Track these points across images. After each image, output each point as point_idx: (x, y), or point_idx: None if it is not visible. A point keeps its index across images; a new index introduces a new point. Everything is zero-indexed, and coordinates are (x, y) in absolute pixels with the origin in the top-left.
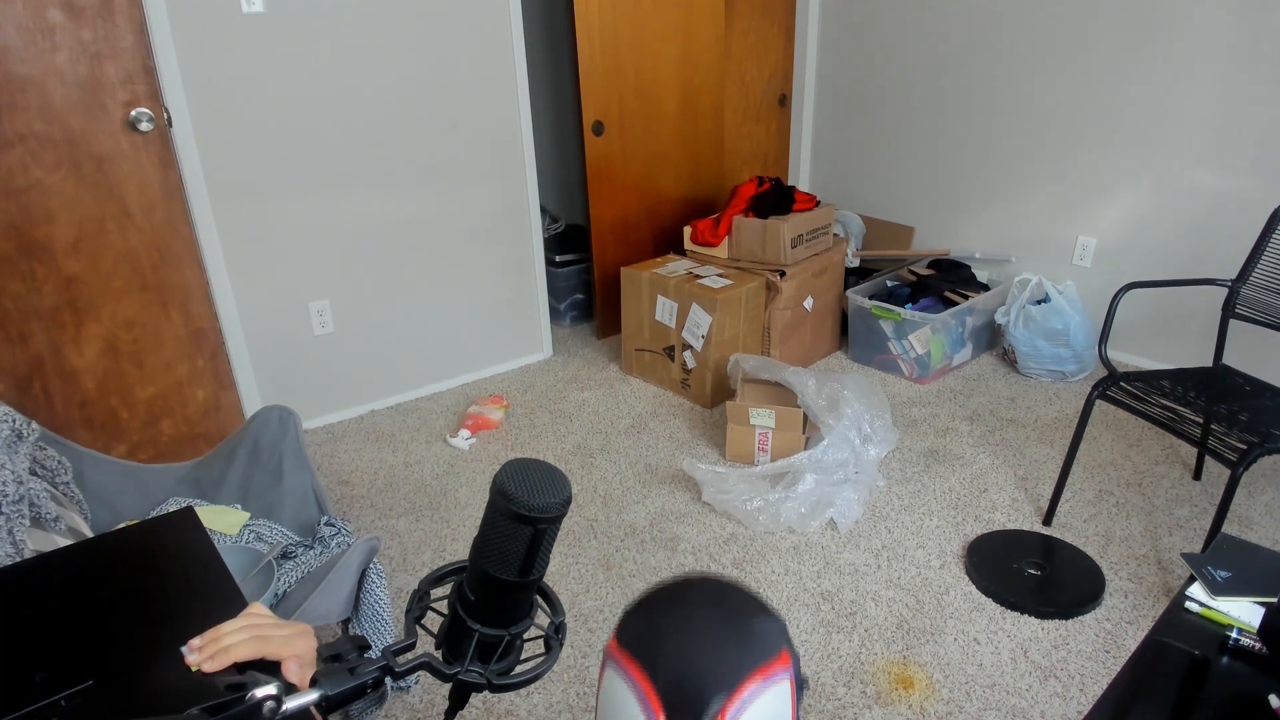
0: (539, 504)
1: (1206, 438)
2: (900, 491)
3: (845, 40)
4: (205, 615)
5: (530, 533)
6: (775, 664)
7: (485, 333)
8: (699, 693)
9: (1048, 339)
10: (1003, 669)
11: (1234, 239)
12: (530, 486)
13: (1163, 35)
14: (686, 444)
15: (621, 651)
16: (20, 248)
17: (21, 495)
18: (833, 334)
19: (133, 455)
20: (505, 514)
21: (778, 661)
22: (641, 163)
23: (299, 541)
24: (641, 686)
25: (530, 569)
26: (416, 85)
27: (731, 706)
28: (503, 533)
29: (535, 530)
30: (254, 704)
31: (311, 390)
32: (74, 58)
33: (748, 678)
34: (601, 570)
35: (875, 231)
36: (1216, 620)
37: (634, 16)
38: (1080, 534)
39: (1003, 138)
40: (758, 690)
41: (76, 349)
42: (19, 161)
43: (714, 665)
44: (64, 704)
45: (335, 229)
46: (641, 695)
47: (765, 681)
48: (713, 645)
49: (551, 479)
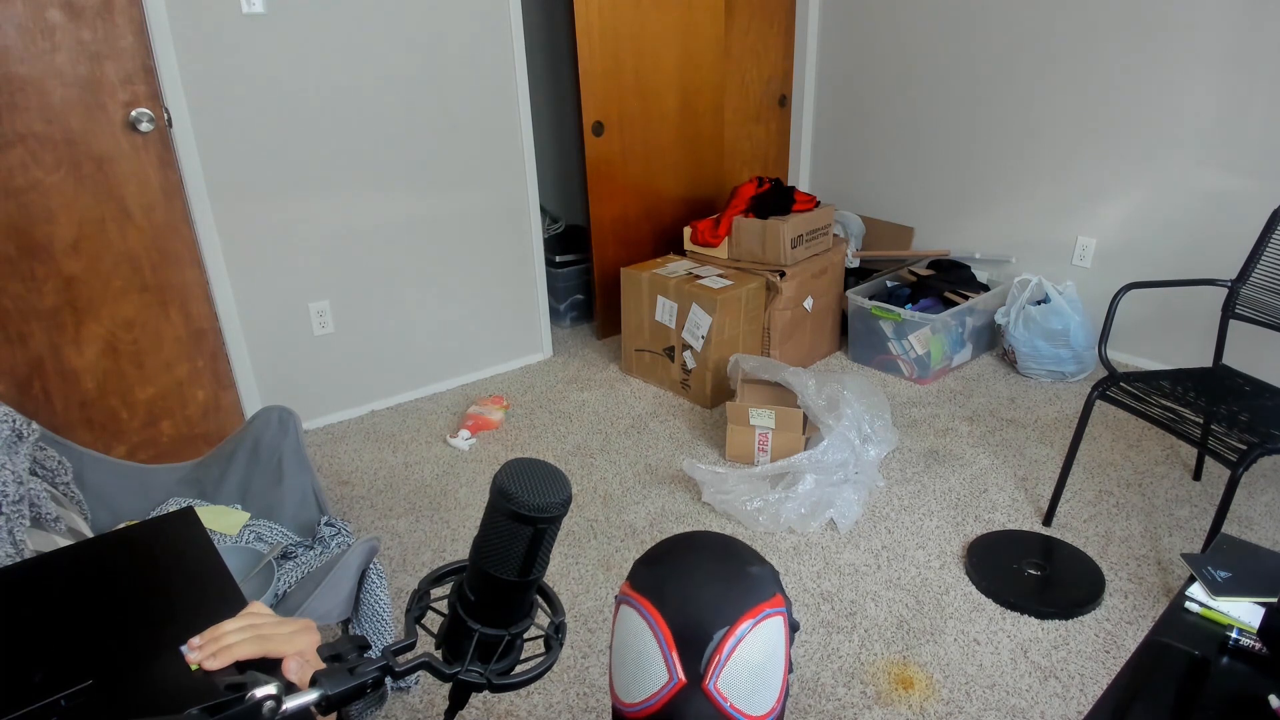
0: (539, 504)
1: (1206, 438)
2: (900, 492)
3: (845, 40)
4: (205, 615)
5: (530, 533)
6: (769, 604)
7: (485, 333)
8: (702, 625)
9: (1048, 339)
10: (1003, 669)
11: (1234, 239)
12: (530, 486)
13: (1163, 35)
14: (686, 444)
15: (635, 592)
16: (20, 248)
17: (22, 495)
18: (833, 334)
19: (133, 455)
20: (505, 514)
21: (771, 602)
22: (641, 163)
23: (299, 542)
24: (654, 618)
25: (530, 569)
26: (416, 85)
27: (730, 638)
28: (503, 533)
29: (535, 530)
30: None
31: (311, 390)
32: (74, 58)
33: (744, 614)
34: (601, 570)
35: (875, 232)
36: (1216, 620)
37: (634, 17)
38: (1080, 534)
39: (1003, 138)
40: (753, 625)
41: (76, 349)
42: (19, 161)
43: (715, 602)
44: (64, 704)
45: (335, 229)
46: (655, 626)
47: (760, 618)
48: (714, 585)
49: (552, 479)
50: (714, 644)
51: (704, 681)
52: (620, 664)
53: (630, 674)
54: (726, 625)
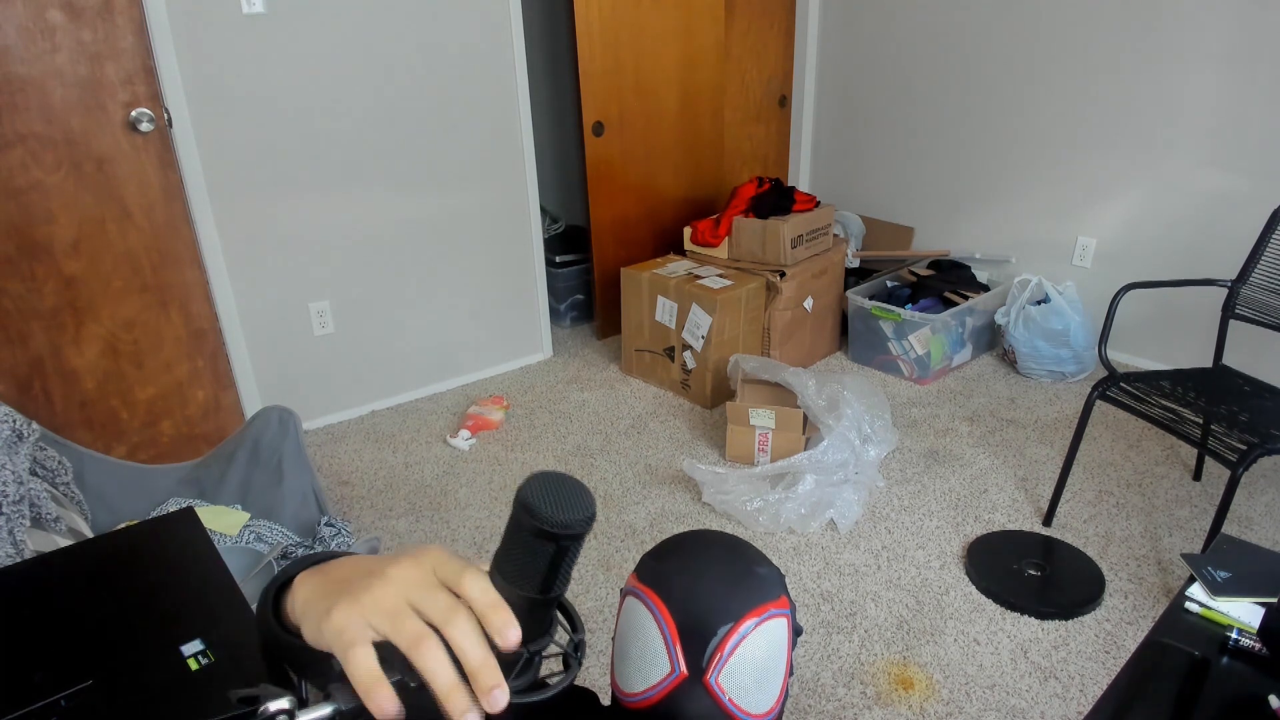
0: (563, 520)
1: (1206, 438)
2: (900, 492)
3: (845, 41)
4: (205, 615)
5: (553, 549)
6: (774, 604)
7: (485, 333)
8: (707, 619)
9: (1048, 339)
10: (1003, 669)
11: (1234, 239)
12: (555, 501)
13: (1162, 35)
14: (686, 444)
15: (642, 584)
16: (20, 248)
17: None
18: (833, 335)
19: (133, 456)
20: (528, 529)
21: (776, 603)
22: (641, 163)
23: (299, 542)
24: (659, 610)
25: (552, 586)
26: (417, 85)
27: (734, 634)
28: (525, 548)
29: (558, 547)
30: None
31: (311, 391)
32: (74, 58)
33: (749, 612)
34: (601, 571)
35: (875, 232)
36: (1216, 621)
37: (634, 17)
38: (1080, 534)
39: (1003, 138)
40: (757, 623)
41: (76, 349)
42: (19, 162)
43: (721, 598)
44: (64, 704)
45: (335, 229)
46: (659, 617)
47: (763, 618)
48: (720, 583)
49: (577, 494)
50: (717, 639)
51: (705, 675)
52: (623, 654)
53: (633, 664)
54: (731, 621)
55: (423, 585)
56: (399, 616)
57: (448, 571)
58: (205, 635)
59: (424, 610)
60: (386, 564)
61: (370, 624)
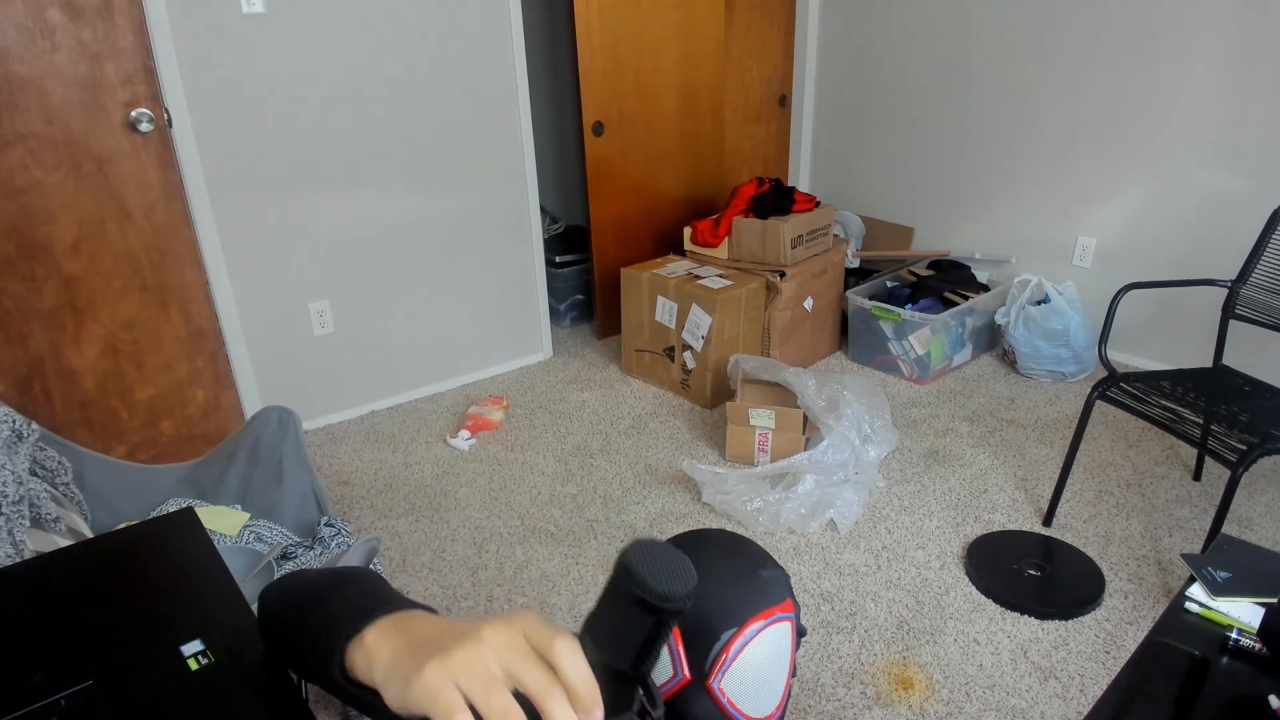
0: (666, 592)
1: (1206, 438)
2: (900, 492)
3: (845, 40)
4: (205, 616)
5: (652, 622)
6: (778, 608)
7: (485, 333)
8: (711, 624)
9: (1048, 339)
10: (1003, 669)
11: (1234, 239)
12: (658, 571)
13: (1162, 35)
14: (686, 444)
15: None
16: (20, 248)
17: (21, 496)
18: (833, 335)
19: (133, 456)
20: (628, 597)
21: (781, 606)
22: (641, 163)
23: (299, 542)
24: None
25: (643, 662)
26: (416, 85)
27: (738, 639)
28: (622, 615)
29: (657, 620)
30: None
31: (311, 390)
32: (74, 58)
33: (754, 616)
34: (601, 571)
35: (875, 232)
36: (1216, 621)
37: (634, 17)
38: (1080, 534)
39: (1002, 138)
40: (761, 628)
41: (76, 349)
42: (19, 161)
43: (726, 602)
44: (64, 704)
45: (335, 229)
46: None
47: (768, 621)
48: (725, 586)
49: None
50: (721, 644)
51: (708, 680)
52: None
53: None
54: (735, 626)
55: (516, 651)
56: (491, 686)
57: (540, 638)
58: (205, 635)
59: (520, 679)
60: (478, 625)
61: (459, 685)
